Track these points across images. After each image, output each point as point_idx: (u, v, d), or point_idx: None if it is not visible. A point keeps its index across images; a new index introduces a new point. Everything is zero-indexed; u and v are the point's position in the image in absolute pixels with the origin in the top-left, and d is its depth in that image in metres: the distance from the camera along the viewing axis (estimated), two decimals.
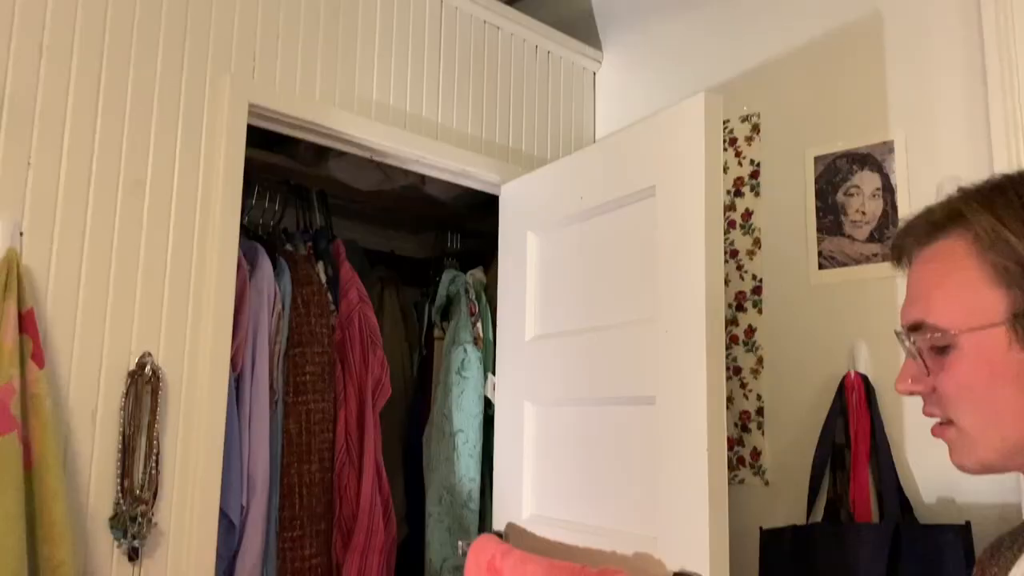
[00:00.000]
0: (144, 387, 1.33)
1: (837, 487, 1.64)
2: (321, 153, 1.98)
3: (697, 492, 1.32)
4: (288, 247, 1.80)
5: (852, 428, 1.63)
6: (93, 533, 1.26)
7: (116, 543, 1.28)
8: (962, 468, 0.67)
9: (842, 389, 1.67)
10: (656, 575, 1.34)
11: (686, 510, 1.33)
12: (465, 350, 1.98)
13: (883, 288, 1.68)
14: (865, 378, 1.66)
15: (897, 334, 0.70)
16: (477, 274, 2.16)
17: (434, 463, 1.97)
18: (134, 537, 1.28)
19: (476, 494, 1.92)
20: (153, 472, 1.31)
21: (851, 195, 1.76)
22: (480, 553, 1.61)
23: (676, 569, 1.32)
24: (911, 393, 0.69)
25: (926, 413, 0.69)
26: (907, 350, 0.69)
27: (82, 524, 1.25)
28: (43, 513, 1.15)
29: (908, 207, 1.66)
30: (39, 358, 1.18)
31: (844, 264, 1.75)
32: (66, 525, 1.16)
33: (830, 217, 1.78)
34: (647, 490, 1.44)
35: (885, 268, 1.68)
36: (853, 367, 1.68)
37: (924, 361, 0.67)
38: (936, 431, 0.69)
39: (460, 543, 1.69)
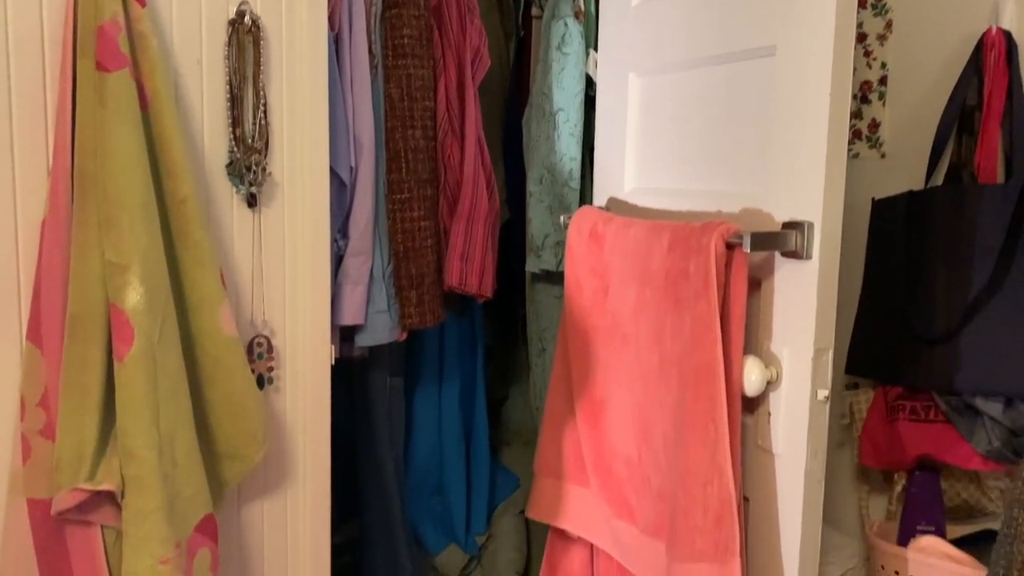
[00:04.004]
0: (245, 37, 1.31)
1: (962, 152, 1.56)
2: None
3: (814, 142, 1.26)
4: None
5: (987, 88, 1.51)
6: (211, 179, 1.31)
7: (235, 189, 1.33)
8: None
9: (979, 48, 1.53)
10: (764, 226, 1.32)
11: (801, 163, 1.29)
12: (566, 24, 1.88)
13: None
14: (1008, 34, 1.51)
15: None
16: None
17: (534, 143, 1.95)
18: (251, 184, 1.32)
19: (577, 173, 1.91)
20: (263, 122, 1.33)
21: None
22: (582, 222, 1.62)
23: (786, 219, 1.29)
24: None
25: None
26: None
27: (200, 171, 1.29)
28: (163, 152, 1.18)
29: None
30: None
31: None
32: (186, 163, 1.20)
33: None
34: (758, 149, 1.39)
35: None
36: (996, 22, 1.52)
37: None
38: None
39: (562, 216, 1.70)
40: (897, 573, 1.50)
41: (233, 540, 1.40)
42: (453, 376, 2.08)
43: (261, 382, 1.36)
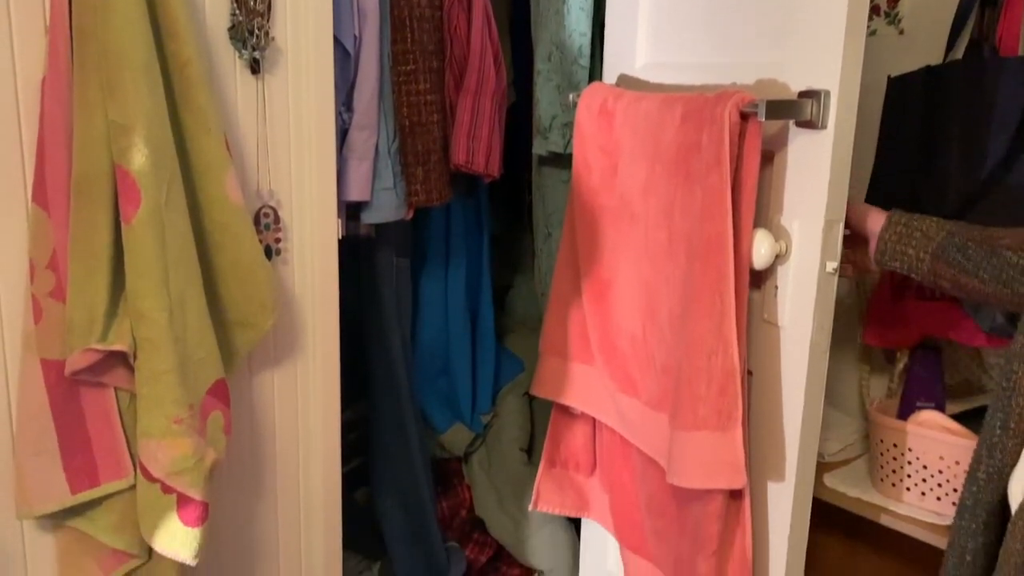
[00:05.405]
0: None
1: (983, 25, 1.51)
2: None
3: (834, 4, 1.22)
4: None
5: None
6: (214, 45, 1.27)
7: (237, 55, 1.29)
8: None
9: None
10: (779, 96, 1.30)
11: (819, 29, 1.25)
12: None
13: None
14: None
15: None
16: None
17: (543, 19, 1.90)
18: (254, 48, 1.29)
19: (587, 49, 1.86)
20: None
21: None
22: (591, 99, 1.59)
23: (802, 88, 1.27)
24: None
25: None
26: None
27: (202, 34, 1.26)
28: (163, 11, 1.14)
29: None
30: None
31: None
32: (188, 23, 1.16)
33: None
34: (775, 15, 1.35)
35: None
36: None
37: None
38: None
39: (571, 95, 1.66)
40: (895, 446, 1.53)
41: (244, 408, 1.42)
42: (459, 258, 2.08)
43: (269, 253, 1.36)
